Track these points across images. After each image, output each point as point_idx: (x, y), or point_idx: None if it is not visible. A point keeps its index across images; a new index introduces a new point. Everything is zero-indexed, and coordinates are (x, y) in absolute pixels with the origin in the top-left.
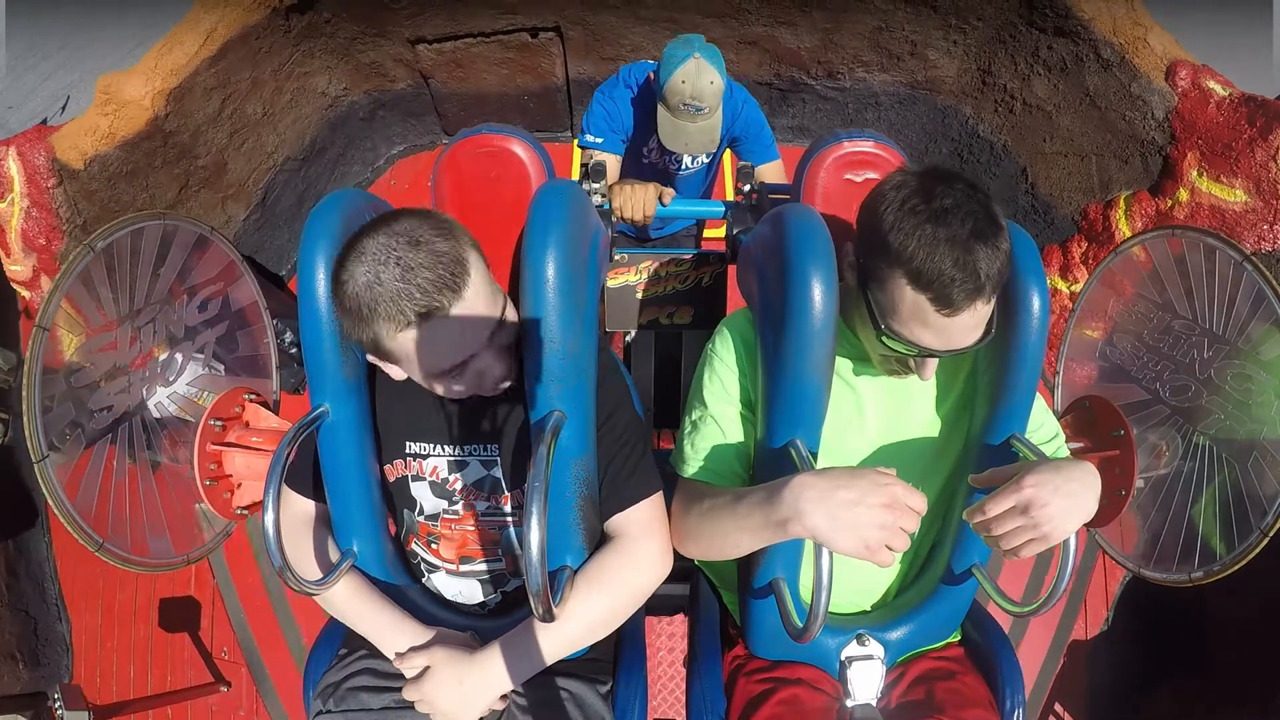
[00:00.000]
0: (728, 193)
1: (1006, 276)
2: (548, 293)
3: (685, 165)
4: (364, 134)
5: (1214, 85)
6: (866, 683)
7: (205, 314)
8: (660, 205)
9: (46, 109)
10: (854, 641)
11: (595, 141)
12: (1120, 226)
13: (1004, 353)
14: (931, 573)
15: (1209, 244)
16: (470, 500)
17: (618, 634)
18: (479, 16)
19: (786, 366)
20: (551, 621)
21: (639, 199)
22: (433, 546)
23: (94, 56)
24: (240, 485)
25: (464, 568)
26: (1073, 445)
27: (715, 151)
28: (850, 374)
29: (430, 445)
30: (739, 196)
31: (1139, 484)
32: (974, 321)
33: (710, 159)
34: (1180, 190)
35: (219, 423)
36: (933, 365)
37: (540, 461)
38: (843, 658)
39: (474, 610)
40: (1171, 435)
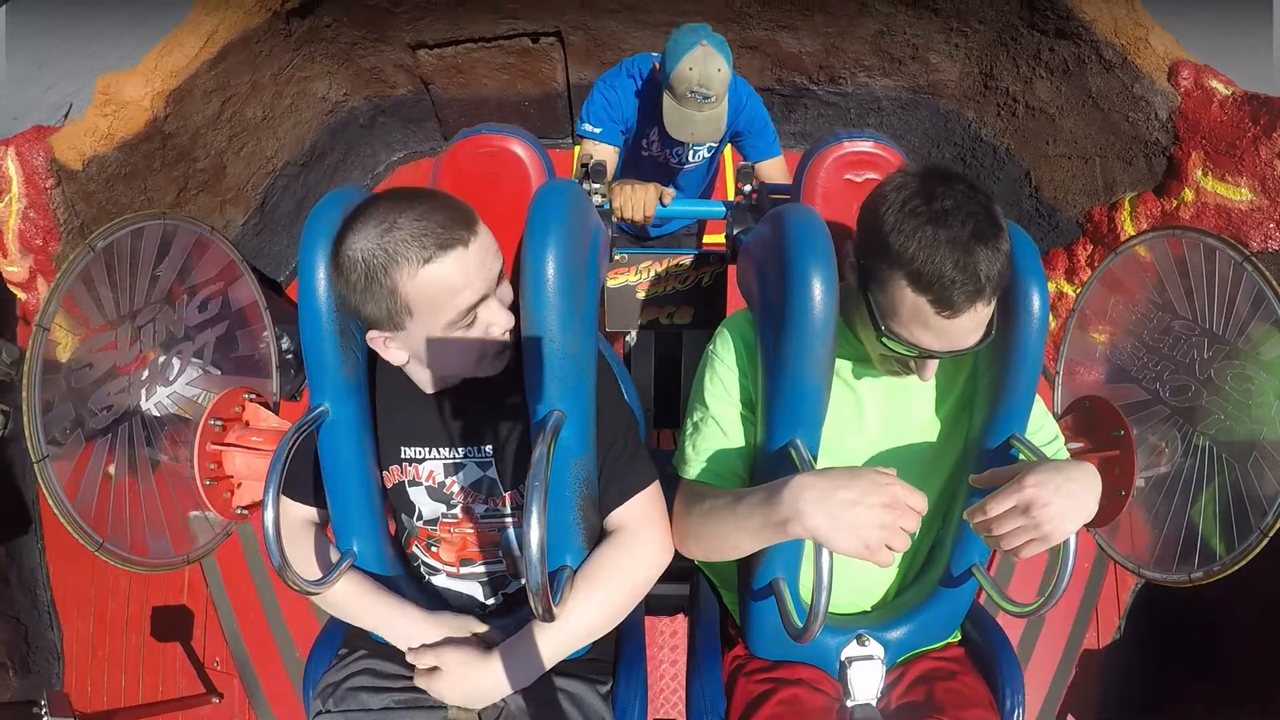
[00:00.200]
0: (729, 191)
1: (1007, 278)
2: (548, 292)
3: (686, 159)
4: (364, 140)
5: (1217, 84)
6: (866, 683)
7: (205, 314)
8: (660, 205)
9: (51, 118)
10: (854, 641)
11: (593, 131)
12: (1125, 228)
13: (1004, 353)
14: (931, 573)
15: (1209, 244)
16: (468, 503)
17: (617, 633)
18: (480, 21)
19: (786, 366)
20: (552, 621)
21: (639, 199)
22: (433, 550)
23: (96, 59)
24: (240, 485)
25: (464, 570)
26: (1073, 445)
27: (717, 145)
28: (850, 374)
29: (425, 449)
30: (739, 196)
31: (1139, 483)
32: (974, 323)
33: (711, 153)
34: (1185, 190)
35: (219, 423)
36: (933, 366)
37: (540, 461)
38: (843, 658)
39: (474, 612)
40: (1171, 435)
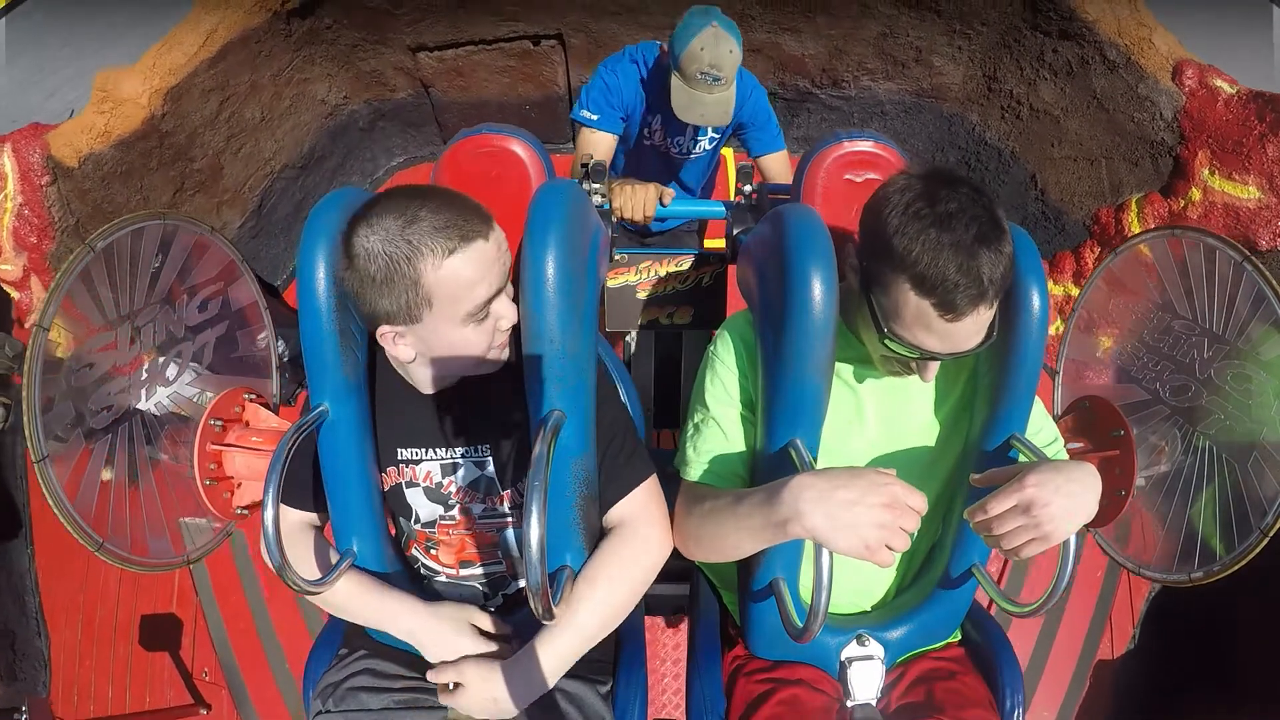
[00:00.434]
0: (730, 190)
1: (1010, 281)
2: (548, 292)
3: (689, 150)
4: (363, 144)
5: (1221, 83)
6: (866, 683)
7: (205, 314)
8: (660, 205)
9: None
10: (854, 642)
11: (590, 118)
12: (1133, 229)
13: (1004, 353)
14: (931, 573)
15: (1209, 244)
16: (466, 503)
17: (617, 633)
18: (480, 24)
19: (786, 367)
20: (552, 620)
21: (639, 199)
22: (431, 553)
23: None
24: (240, 485)
25: (464, 572)
26: (1073, 445)
27: (719, 137)
28: (850, 375)
29: (421, 450)
30: (739, 196)
31: (1140, 483)
32: (977, 326)
33: (714, 145)
34: (1193, 190)
35: (219, 423)
36: (934, 368)
37: (540, 461)
38: (843, 658)
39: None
40: (1171, 435)
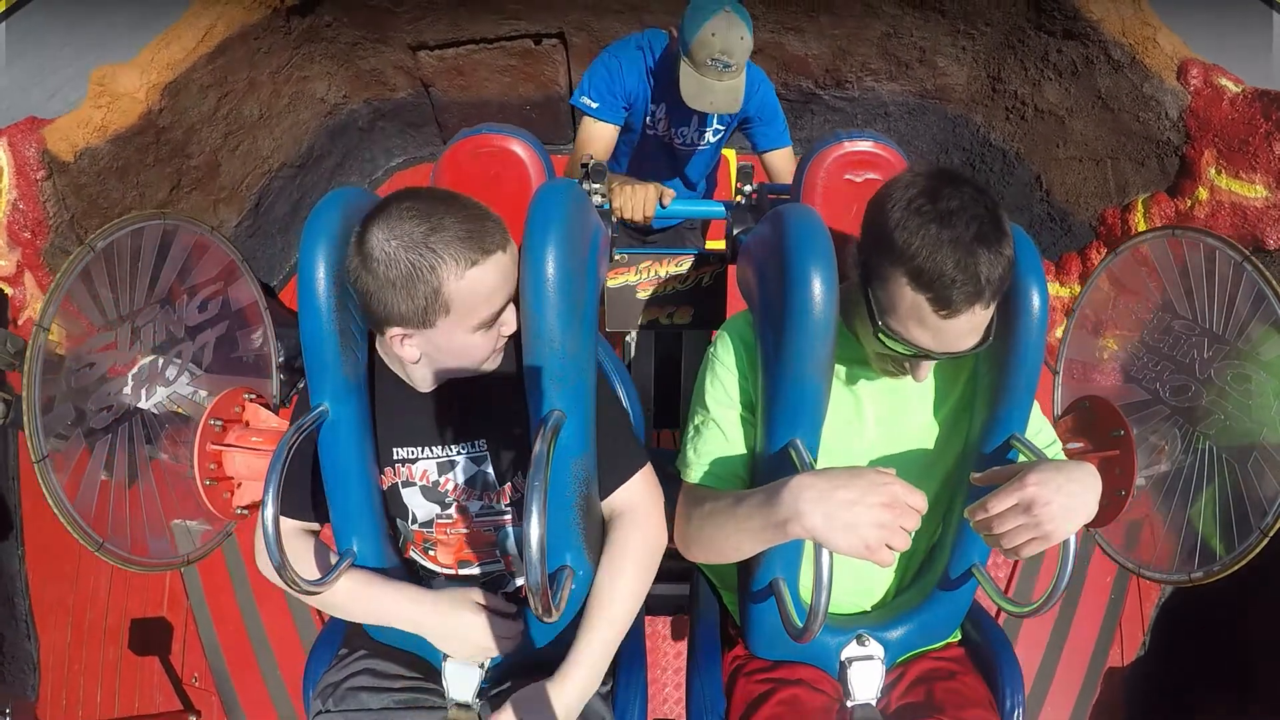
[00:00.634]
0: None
1: (1008, 284)
2: (548, 292)
3: (692, 141)
4: (363, 144)
5: (1226, 82)
6: (866, 683)
7: (205, 314)
8: (660, 207)
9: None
10: (854, 642)
11: (590, 105)
12: (1139, 230)
13: (1004, 354)
14: (931, 573)
15: (1209, 244)
16: (463, 501)
17: None
18: (481, 22)
19: (786, 367)
20: (552, 620)
21: (639, 199)
22: (430, 553)
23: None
24: (240, 485)
25: (462, 572)
26: (1073, 445)
27: (724, 130)
28: (850, 376)
29: (417, 449)
30: (739, 196)
31: (1140, 483)
32: (971, 325)
33: (718, 137)
34: (1199, 189)
35: (219, 423)
36: (927, 368)
37: (540, 460)
38: (843, 658)
39: None
40: (1171, 435)
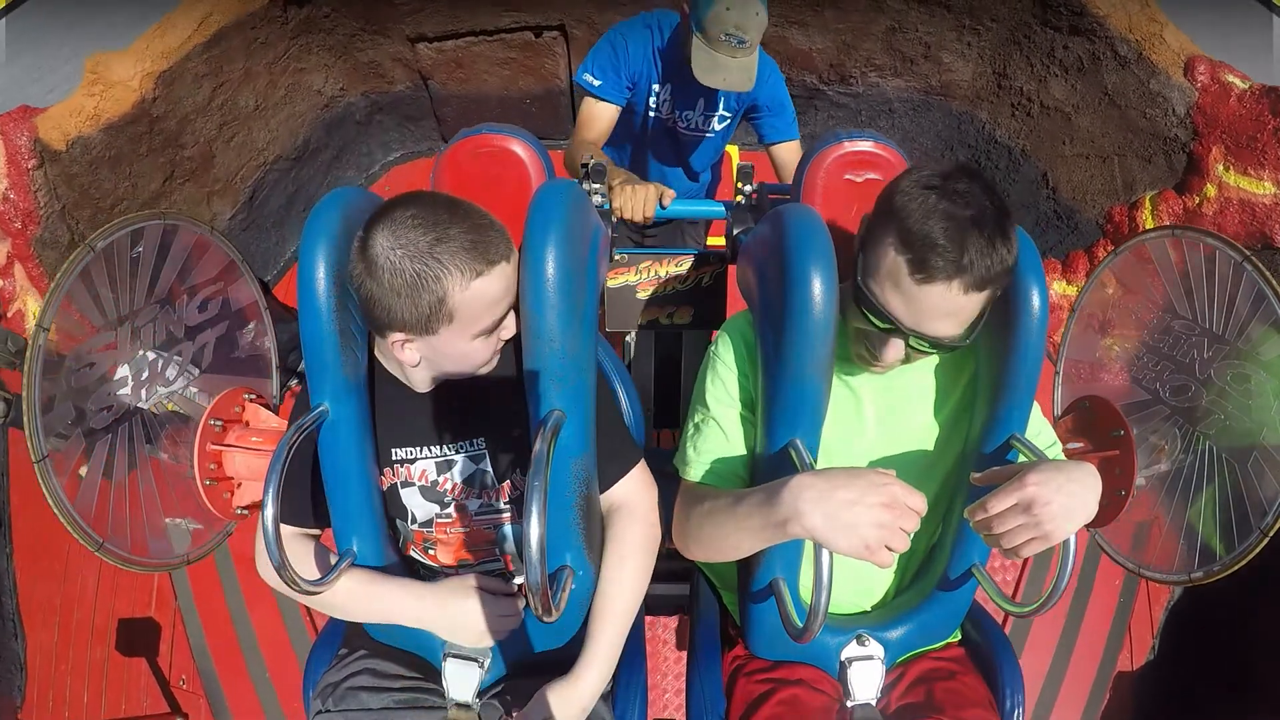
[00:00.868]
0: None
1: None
2: (548, 292)
3: (697, 125)
4: (360, 137)
5: (1233, 79)
6: (866, 683)
7: (205, 314)
8: (660, 208)
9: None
10: (854, 642)
11: (592, 83)
12: (1148, 227)
13: (1004, 353)
14: (931, 573)
15: (1209, 244)
16: (462, 500)
17: None
18: (481, 14)
19: (787, 366)
20: (552, 619)
21: (639, 199)
22: (430, 553)
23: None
24: (240, 485)
25: (463, 571)
26: (1073, 445)
27: (730, 118)
28: (850, 376)
29: (416, 449)
30: (739, 196)
31: (1140, 483)
32: (946, 305)
33: (724, 126)
34: (1208, 186)
35: (219, 423)
36: (894, 351)
37: (540, 460)
38: (843, 658)
39: None
40: (1171, 435)
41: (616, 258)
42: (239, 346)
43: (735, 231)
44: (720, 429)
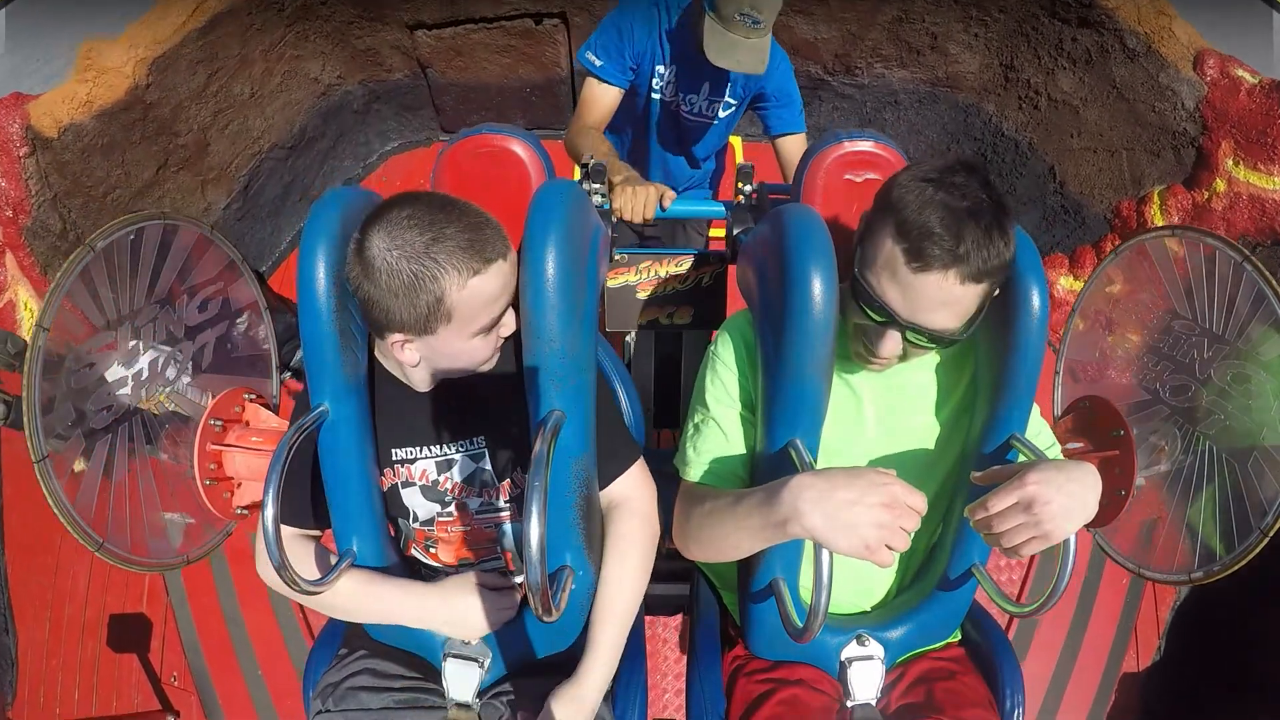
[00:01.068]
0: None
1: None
2: (548, 292)
3: (701, 110)
4: (357, 126)
5: (1243, 73)
6: (866, 683)
7: (205, 314)
8: (660, 209)
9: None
10: (854, 642)
11: (595, 63)
12: (1156, 222)
13: (1004, 353)
14: (931, 573)
15: (1209, 244)
16: (463, 498)
17: None
18: (481, 1)
19: (787, 367)
20: (552, 619)
21: (639, 200)
22: (431, 551)
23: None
24: (240, 485)
25: (463, 569)
26: (1073, 445)
27: (735, 106)
28: (850, 375)
29: (416, 448)
30: (738, 196)
31: (1139, 482)
32: (942, 295)
33: (728, 114)
34: (1217, 181)
35: (219, 423)
36: (891, 345)
37: (540, 460)
38: (843, 658)
39: None
40: (1171, 435)
41: (616, 258)
42: (239, 346)
43: (735, 231)
44: (720, 429)
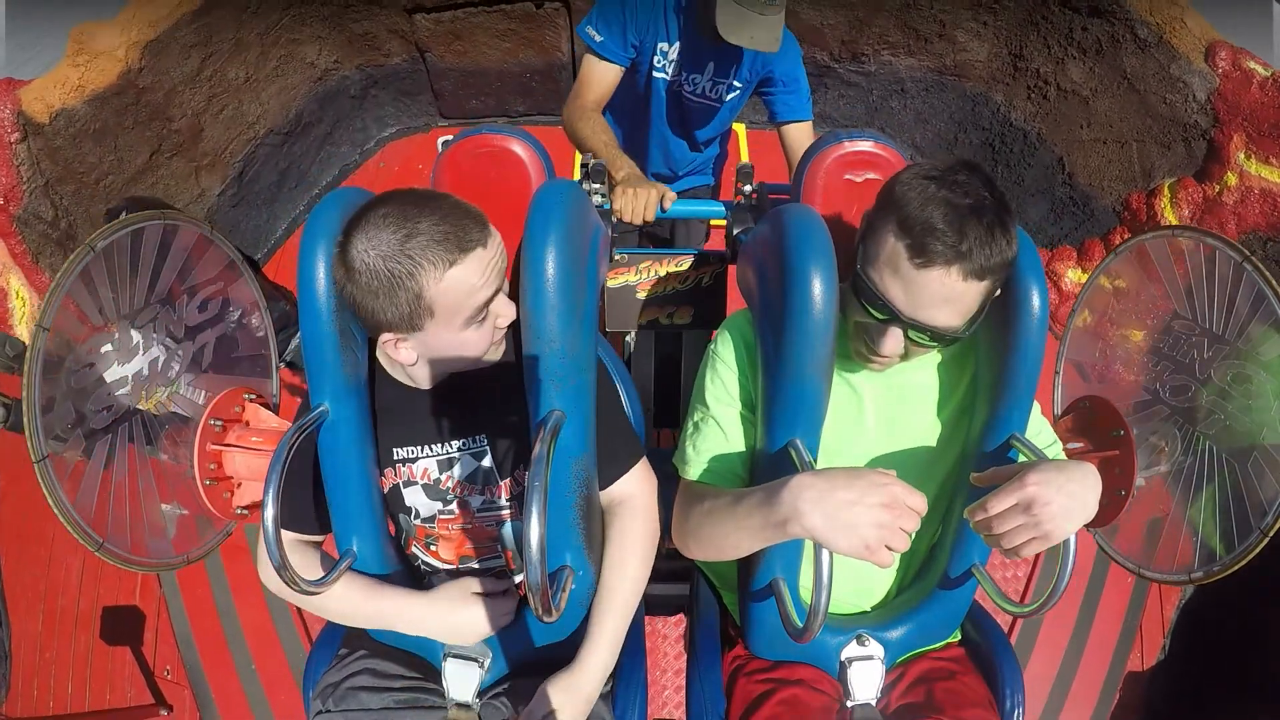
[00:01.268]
0: (743, 154)
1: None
2: (548, 291)
3: (702, 92)
4: (354, 112)
5: (1255, 66)
6: (866, 683)
7: (205, 314)
8: (661, 210)
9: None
10: (854, 642)
11: (595, 38)
12: (1166, 215)
13: (1004, 353)
14: (931, 573)
15: (1209, 244)
16: (464, 497)
17: None
18: None
19: (787, 366)
20: (552, 619)
21: (640, 202)
22: (431, 549)
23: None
24: (240, 485)
25: (463, 567)
26: (1072, 445)
27: (740, 89)
28: (851, 375)
29: (418, 448)
30: (739, 196)
31: (1139, 483)
32: (945, 292)
33: (732, 97)
34: (1228, 174)
35: (219, 423)
36: (893, 343)
37: (540, 460)
38: (843, 658)
39: None
40: (1171, 435)
41: (616, 258)
42: (239, 346)
43: (735, 231)
44: (720, 428)
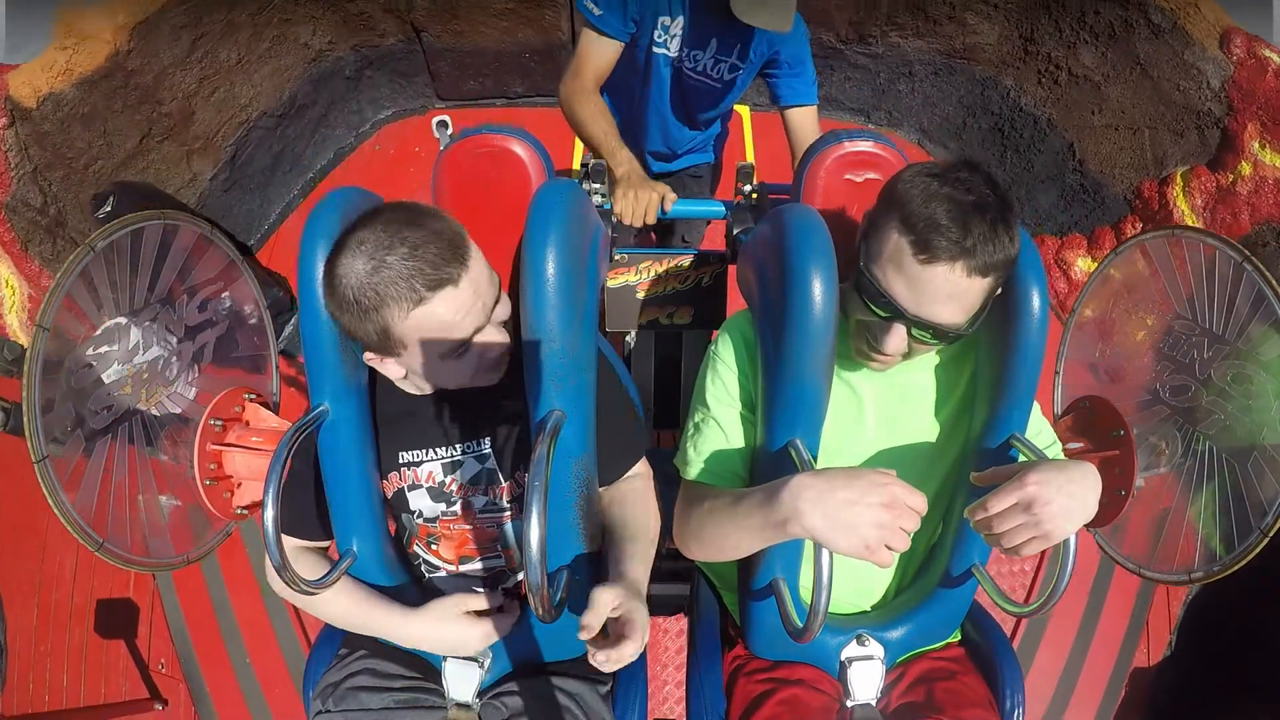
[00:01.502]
0: (748, 152)
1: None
2: (548, 292)
3: (704, 70)
4: (349, 94)
5: (1270, 54)
6: (866, 683)
7: (205, 314)
8: (661, 212)
9: None
10: (854, 642)
11: (592, 11)
12: (1179, 204)
13: (1004, 353)
14: (931, 573)
15: (1209, 244)
16: (468, 498)
17: None
18: None
19: (787, 366)
20: (552, 620)
21: (641, 203)
22: (433, 548)
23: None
24: (240, 485)
25: (463, 567)
26: (1072, 445)
27: (743, 69)
28: (851, 375)
29: (422, 451)
30: (738, 196)
31: (1139, 482)
32: (949, 288)
33: (735, 77)
34: (1242, 164)
35: (219, 423)
36: (896, 340)
37: (540, 461)
38: (843, 658)
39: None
40: (1171, 435)
41: (616, 258)
42: (239, 346)
43: (735, 231)
44: (720, 428)
